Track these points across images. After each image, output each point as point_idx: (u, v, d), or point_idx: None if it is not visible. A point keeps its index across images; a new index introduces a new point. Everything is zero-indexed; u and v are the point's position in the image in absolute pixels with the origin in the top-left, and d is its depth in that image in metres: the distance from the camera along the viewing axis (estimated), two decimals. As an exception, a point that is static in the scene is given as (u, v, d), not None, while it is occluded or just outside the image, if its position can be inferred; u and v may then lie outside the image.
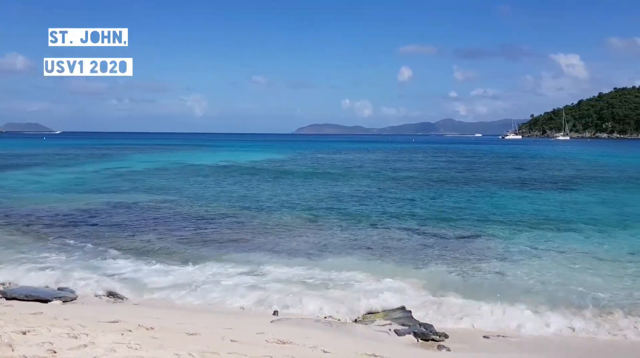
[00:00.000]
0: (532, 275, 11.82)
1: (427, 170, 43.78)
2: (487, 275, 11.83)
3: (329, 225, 17.66)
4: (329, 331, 8.32)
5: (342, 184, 30.82)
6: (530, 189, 28.93)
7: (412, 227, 17.34)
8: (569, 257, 13.48)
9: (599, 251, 14.09)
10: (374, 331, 8.63)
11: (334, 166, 49.45)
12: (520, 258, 13.34)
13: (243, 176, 37.35)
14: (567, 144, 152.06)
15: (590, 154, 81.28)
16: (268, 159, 59.73)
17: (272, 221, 18.54)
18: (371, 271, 12.09)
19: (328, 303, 9.80)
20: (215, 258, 13.12)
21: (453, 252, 13.99)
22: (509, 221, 18.67)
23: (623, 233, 16.56)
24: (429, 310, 9.62)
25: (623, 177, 38.22)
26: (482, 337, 8.59)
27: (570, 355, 7.89)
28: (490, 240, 15.54)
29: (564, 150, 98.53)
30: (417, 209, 21.07)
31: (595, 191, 28.58)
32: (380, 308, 9.66)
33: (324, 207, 21.55)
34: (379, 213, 20.24)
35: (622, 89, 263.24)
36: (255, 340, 7.26)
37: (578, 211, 21.00)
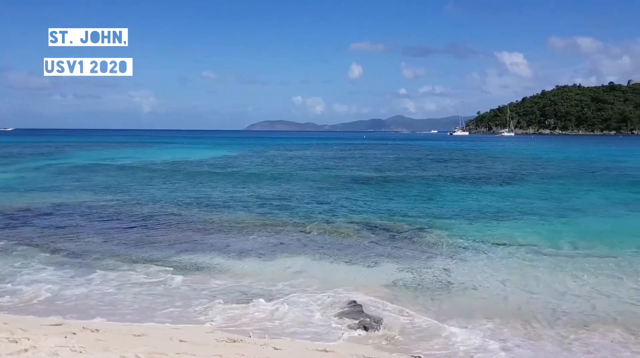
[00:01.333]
0: (477, 270, 12.19)
1: (377, 167, 44.33)
2: (435, 271, 12.05)
3: (280, 224, 17.57)
4: (280, 327, 8.31)
5: (293, 182, 30.79)
6: (476, 184, 29.75)
7: (363, 224, 17.47)
8: (513, 249, 13.97)
9: (542, 244, 14.64)
10: (325, 326, 8.67)
11: (286, 163, 49.37)
12: (467, 253, 13.71)
13: (193, 174, 36.74)
14: (512, 140, 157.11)
15: (534, 150, 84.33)
16: (219, 156, 59.02)
17: (223, 220, 18.31)
18: (322, 269, 12.17)
19: (279, 301, 9.77)
20: (162, 261, 12.77)
21: (403, 249, 14.18)
22: (456, 215, 19.13)
23: (563, 225, 17.28)
24: (379, 305, 9.74)
25: (563, 172, 39.86)
26: (434, 331, 8.76)
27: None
28: (439, 234, 15.84)
29: (508, 146, 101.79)
30: (368, 206, 21.31)
31: (537, 185, 29.69)
32: (332, 303, 9.70)
33: (276, 205, 21.48)
34: (329, 210, 20.33)
35: (563, 87, 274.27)
36: (205, 339, 7.19)
37: (521, 205, 21.75)
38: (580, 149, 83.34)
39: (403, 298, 10.10)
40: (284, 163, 48.52)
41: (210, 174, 35.94)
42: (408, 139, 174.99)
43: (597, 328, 8.53)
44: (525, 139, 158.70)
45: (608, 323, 8.74)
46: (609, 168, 44.13)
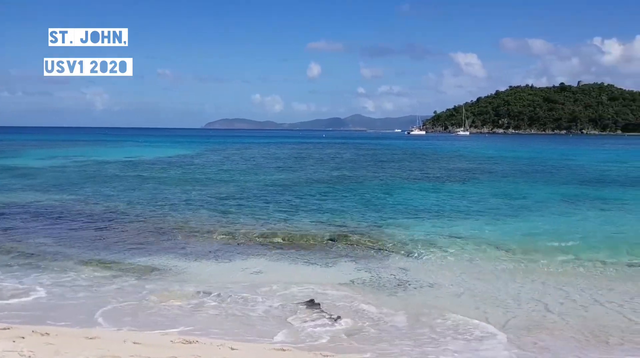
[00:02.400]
0: (434, 267, 12.44)
1: (335, 166, 44.53)
2: (392, 269, 12.20)
3: (237, 224, 17.41)
4: (238, 327, 8.25)
5: (251, 182, 30.60)
6: (432, 183, 30.27)
7: (321, 224, 17.51)
8: (468, 247, 14.27)
9: (495, 241, 15.00)
10: (282, 325, 8.65)
11: (245, 161, 49.06)
12: (423, 250, 13.88)
13: (148, 172, 36.00)
14: (467, 139, 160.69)
15: (488, 148, 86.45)
16: (176, 155, 58.08)
17: (178, 221, 18.01)
18: (280, 269, 12.16)
19: (237, 301, 9.70)
20: (116, 262, 12.47)
21: (360, 247, 14.29)
22: (413, 214, 19.42)
23: (515, 222, 17.77)
24: (337, 304, 9.78)
25: (515, 170, 41.05)
26: (389, 325, 8.84)
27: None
28: (396, 233, 16.03)
29: (464, 145, 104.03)
30: (326, 206, 21.35)
31: (491, 183, 30.45)
32: (290, 301, 9.69)
33: (233, 205, 21.26)
34: (287, 210, 20.27)
35: (516, 87, 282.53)
36: (160, 341, 7.07)
37: (476, 203, 22.26)
38: (532, 148, 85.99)
39: (361, 296, 10.16)
40: (242, 162, 48.17)
41: (166, 174, 35.30)
42: (367, 138, 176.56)
43: (549, 327, 8.80)
44: (480, 138, 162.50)
45: (559, 323, 8.99)
46: (560, 166, 45.69)
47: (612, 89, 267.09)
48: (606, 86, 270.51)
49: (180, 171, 37.60)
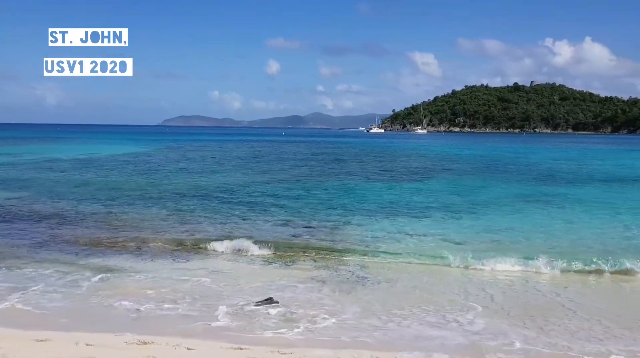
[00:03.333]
0: (392, 264, 12.59)
1: (295, 164, 44.48)
2: (351, 266, 12.29)
3: (195, 222, 17.21)
4: (195, 327, 8.15)
5: (209, 180, 30.26)
6: (391, 181, 30.65)
7: (279, 221, 17.47)
8: (426, 243, 14.54)
9: (453, 237, 15.32)
10: (241, 324, 8.60)
11: (202, 159, 48.45)
12: (382, 247, 14.09)
13: (102, 170, 35.08)
14: (425, 137, 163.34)
15: (444, 146, 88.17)
16: (131, 153, 56.79)
17: (136, 217, 17.70)
18: (238, 266, 12.08)
19: (194, 300, 9.58)
20: (69, 263, 12.13)
21: (319, 244, 14.35)
22: (371, 211, 19.59)
23: (472, 219, 18.17)
24: (297, 301, 9.79)
25: (471, 168, 42.01)
26: (347, 321, 8.89)
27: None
28: (355, 230, 16.19)
29: (421, 143, 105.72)
30: (286, 203, 21.31)
31: (448, 181, 31.06)
32: (248, 301, 9.63)
33: (190, 204, 20.96)
34: (245, 207, 20.15)
35: (472, 87, 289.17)
36: (114, 342, 6.92)
37: (433, 200, 22.64)
38: (487, 147, 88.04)
39: (319, 293, 10.19)
40: (200, 161, 47.54)
41: (121, 171, 34.49)
42: (326, 136, 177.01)
43: (494, 315, 9.07)
44: (437, 137, 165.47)
45: (501, 313, 9.30)
46: (514, 164, 46.96)
47: (563, 89, 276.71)
48: (558, 86, 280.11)
49: (135, 169, 36.75)
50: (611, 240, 14.97)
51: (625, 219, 18.12)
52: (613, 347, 7.57)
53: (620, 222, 17.72)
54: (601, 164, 48.06)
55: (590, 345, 7.64)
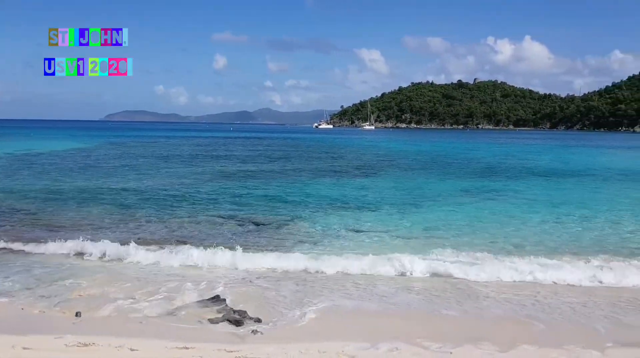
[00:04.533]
0: (339, 258, 12.66)
1: (244, 160, 44.15)
2: (299, 261, 12.26)
3: (140, 218, 16.84)
4: (139, 327, 7.98)
5: (155, 176, 29.61)
6: (339, 176, 30.89)
7: (227, 217, 17.31)
8: (372, 237, 14.77)
9: (399, 229, 15.75)
10: (187, 323, 8.47)
11: (146, 156, 47.28)
12: (329, 241, 14.22)
13: (42, 166, 33.66)
14: (373, 133, 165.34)
15: (392, 142, 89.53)
16: (72, 149, 54.72)
17: (79, 215, 17.17)
18: (185, 263, 11.89)
19: (138, 297, 9.37)
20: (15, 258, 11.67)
21: (267, 240, 14.33)
22: (319, 206, 19.70)
23: (417, 213, 18.56)
24: (246, 296, 9.75)
25: (417, 163, 42.90)
26: (294, 316, 8.91)
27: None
28: (303, 225, 16.25)
29: (369, 139, 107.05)
30: (233, 199, 21.16)
31: (394, 176, 31.63)
32: (194, 299, 9.51)
33: (136, 199, 20.50)
34: (192, 204, 19.88)
35: (418, 84, 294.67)
36: (53, 345, 6.69)
37: (380, 195, 23.02)
38: (433, 143, 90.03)
39: (267, 289, 10.19)
40: (145, 156, 46.40)
41: (62, 166, 33.21)
42: (275, 131, 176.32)
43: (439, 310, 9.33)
44: (385, 133, 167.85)
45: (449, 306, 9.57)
46: (457, 159, 48.27)
47: (504, 86, 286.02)
48: (499, 84, 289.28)
49: (76, 165, 35.42)
50: (548, 235, 15.68)
51: (559, 213, 18.99)
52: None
53: (554, 215, 18.52)
54: (540, 159, 50.07)
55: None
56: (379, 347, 7.27)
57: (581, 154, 58.84)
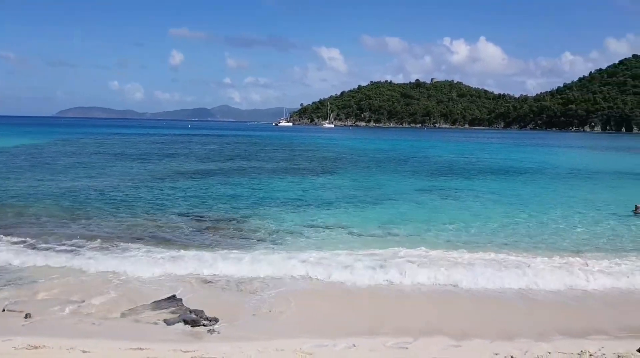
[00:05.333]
0: (299, 256, 12.70)
1: (203, 158, 43.59)
2: (258, 263, 12.21)
3: (95, 217, 16.42)
4: (91, 329, 7.79)
5: (111, 175, 28.88)
6: (299, 175, 30.88)
7: (187, 216, 17.09)
8: (332, 234, 14.89)
9: (355, 226, 15.87)
10: (142, 323, 8.33)
11: (101, 152, 46.07)
12: (289, 238, 14.22)
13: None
14: (332, 131, 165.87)
15: (351, 140, 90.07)
16: (22, 145, 52.77)
17: (29, 212, 16.68)
18: (140, 263, 11.63)
19: (88, 300, 9.14)
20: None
21: (227, 238, 14.21)
22: (279, 204, 19.68)
23: (375, 211, 18.78)
24: (203, 296, 9.64)
25: (376, 161, 43.32)
26: (251, 315, 8.88)
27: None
28: (263, 223, 16.18)
29: (329, 136, 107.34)
30: (192, 197, 20.88)
31: (354, 174, 31.85)
32: (150, 300, 9.34)
33: (92, 198, 19.98)
34: (151, 201, 19.54)
35: (377, 83, 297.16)
36: (1, 348, 6.46)
37: (340, 193, 23.15)
38: (391, 141, 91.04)
39: (225, 289, 10.11)
40: (98, 153, 45.17)
41: (10, 164, 31.97)
42: (235, 129, 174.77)
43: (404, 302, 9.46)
44: (344, 131, 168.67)
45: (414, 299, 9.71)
46: (414, 157, 49.00)
47: (460, 86, 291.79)
48: (456, 84, 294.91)
49: (26, 163, 34.19)
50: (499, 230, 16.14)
51: (511, 210, 19.58)
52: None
53: (507, 212, 19.07)
54: (494, 158, 51.36)
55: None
56: (336, 344, 7.33)
57: (533, 153, 60.63)
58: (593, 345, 7.26)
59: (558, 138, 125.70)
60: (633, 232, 15.91)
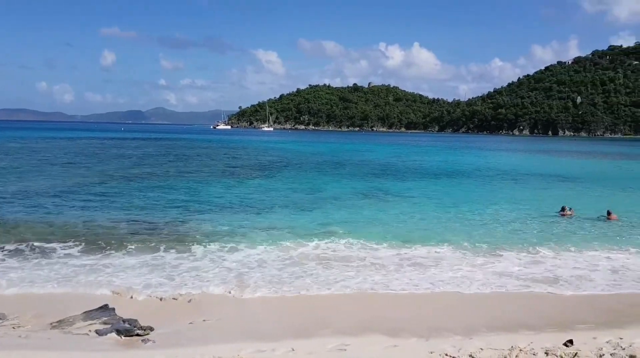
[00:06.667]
0: (240, 257, 12.61)
1: (136, 161, 42.32)
2: (201, 258, 12.18)
3: (20, 222, 15.70)
4: (18, 342, 7.39)
5: (37, 180, 27.54)
6: (237, 178, 30.60)
7: (122, 220, 16.58)
8: (273, 235, 14.89)
9: (297, 228, 16.03)
10: (72, 335, 8.00)
11: (26, 156, 43.84)
12: (229, 241, 14.04)
13: None
14: (271, 134, 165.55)
15: (290, 143, 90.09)
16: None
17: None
18: (67, 270, 11.20)
19: (13, 312, 8.68)
20: None
21: (163, 242, 13.89)
22: (217, 208, 19.47)
23: (315, 214, 18.88)
24: (137, 304, 9.38)
25: (315, 164, 43.53)
26: (188, 323, 8.72)
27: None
28: (202, 226, 15.97)
29: (268, 140, 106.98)
30: (128, 202, 20.31)
31: (294, 177, 31.88)
32: (81, 310, 8.98)
33: (15, 203, 19.02)
34: (84, 207, 18.84)
35: (315, 86, 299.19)
36: None
37: (279, 196, 23.15)
38: (330, 144, 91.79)
39: (159, 297, 9.86)
40: (23, 158, 42.94)
41: None
42: (171, 132, 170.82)
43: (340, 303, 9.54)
44: (283, 134, 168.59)
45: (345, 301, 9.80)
46: (354, 160, 49.61)
47: (397, 90, 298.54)
48: (392, 88, 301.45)
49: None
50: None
51: (447, 210, 20.21)
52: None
53: (443, 212, 19.67)
54: (430, 160, 52.84)
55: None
56: (275, 348, 7.30)
57: (466, 156, 62.78)
58: (523, 341, 7.56)
59: (489, 141, 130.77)
60: (555, 231, 16.78)
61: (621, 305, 9.84)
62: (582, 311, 9.46)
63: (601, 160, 60.78)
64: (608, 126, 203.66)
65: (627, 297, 10.41)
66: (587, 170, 44.72)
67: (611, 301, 10.11)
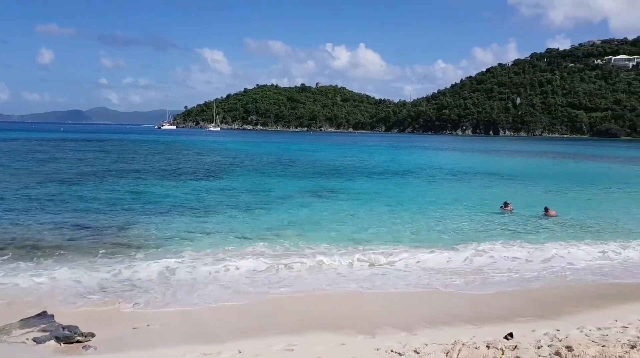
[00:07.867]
0: (188, 261, 12.39)
1: (76, 163, 40.80)
2: (144, 262, 11.94)
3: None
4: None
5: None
6: (183, 179, 30.10)
7: (60, 225, 15.99)
8: (218, 238, 14.74)
9: (244, 229, 15.92)
10: (8, 344, 7.66)
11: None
12: (174, 245, 13.82)
13: None
14: (218, 134, 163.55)
15: (238, 144, 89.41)
16: None
17: None
18: (9, 279, 10.71)
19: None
20: None
21: (107, 246, 13.51)
22: (163, 210, 19.07)
23: (264, 214, 18.82)
24: (78, 310, 9.08)
25: (263, 165, 43.39)
26: (132, 328, 8.49)
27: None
28: (146, 230, 15.63)
29: (215, 140, 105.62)
30: (66, 205, 19.57)
31: (241, 178, 31.63)
32: (16, 318, 8.60)
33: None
34: (18, 211, 18.09)
35: (263, 86, 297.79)
36: None
37: (227, 197, 22.90)
38: (278, 144, 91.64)
39: (103, 301, 9.59)
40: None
41: None
42: (113, 132, 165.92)
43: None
44: (231, 134, 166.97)
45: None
46: (301, 160, 49.71)
47: (344, 91, 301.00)
48: (339, 89, 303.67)
49: None
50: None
51: (394, 209, 20.57)
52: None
53: (390, 211, 20.01)
54: (377, 160, 53.64)
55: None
56: (221, 351, 7.23)
57: (411, 155, 64.07)
58: (465, 335, 7.79)
59: (434, 141, 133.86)
60: (495, 227, 17.40)
61: (558, 297, 10.29)
62: (521, 304, 9.83)
63: (540, 159, 63.34)
64: (546, 126, 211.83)
65: (563, 289, 10.92)
66: (527, 168, 46.56)
67: (548, 294, 10.55)
